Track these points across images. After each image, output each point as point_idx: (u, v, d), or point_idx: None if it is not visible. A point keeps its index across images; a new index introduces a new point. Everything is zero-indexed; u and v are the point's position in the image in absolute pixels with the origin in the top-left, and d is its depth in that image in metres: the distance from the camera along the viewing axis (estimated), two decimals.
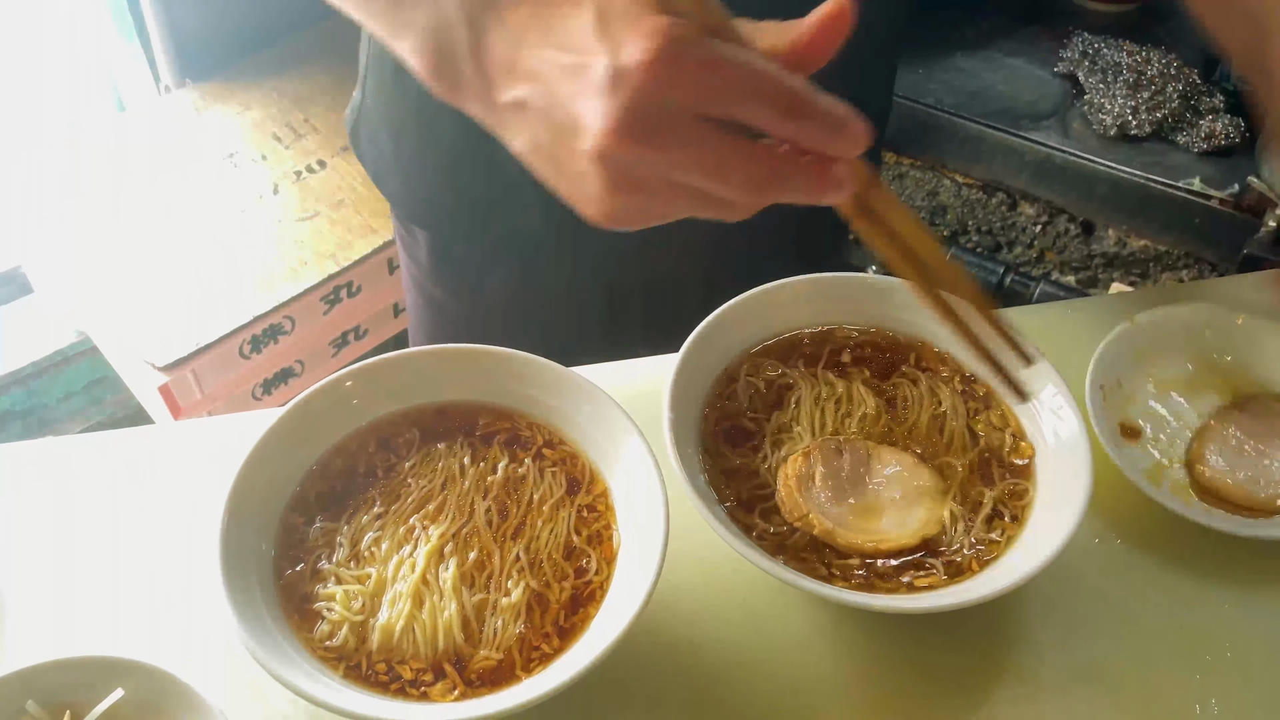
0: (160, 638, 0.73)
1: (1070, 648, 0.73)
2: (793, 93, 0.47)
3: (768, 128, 0.48)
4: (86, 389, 2.15)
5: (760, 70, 0.46)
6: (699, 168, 0.48)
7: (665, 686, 0.71)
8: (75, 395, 2.15)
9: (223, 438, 0.86)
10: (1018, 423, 0.78)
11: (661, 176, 0.49)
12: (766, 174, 0.49)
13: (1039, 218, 1.54)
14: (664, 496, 0.69)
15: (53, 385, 2.10)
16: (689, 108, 0.46)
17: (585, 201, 0.51)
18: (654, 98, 0.46)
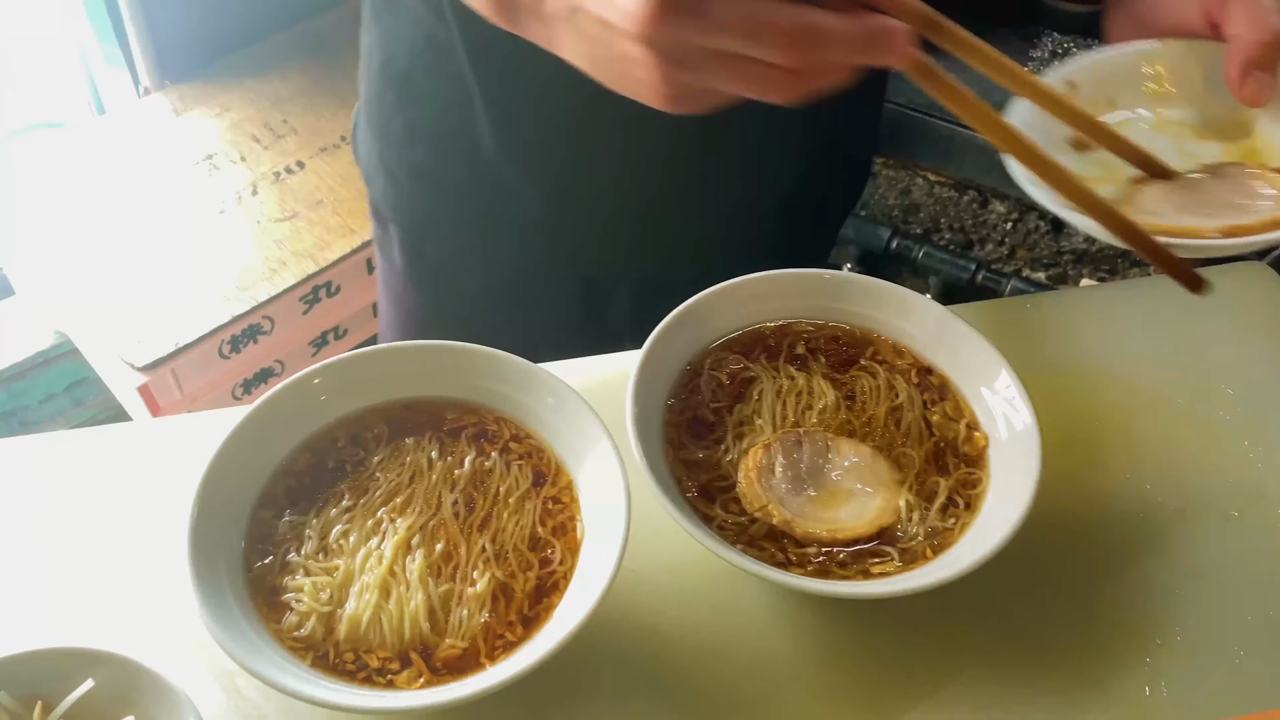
0: (132, 630, 0.74)
1: (1022, 631, 0.75)
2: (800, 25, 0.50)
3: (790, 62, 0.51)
4: (68, 390, 2.15)
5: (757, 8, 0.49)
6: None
7: (630, 673, 0.73)
8: (57, 396, 2.15)
9: (199, 434, 0.86)
10: (972, 414, 0.80)
11: (708, 49, 0.50)
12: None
13: (1009, 215, 1.56)
14: (626, 487, 0.71)
15: (34, 387, 2.10)
16: (706, 41, 0.49)
17: (647, 93, 0.54)
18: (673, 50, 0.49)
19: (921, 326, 0.83)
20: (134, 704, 0.63)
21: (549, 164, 0.98)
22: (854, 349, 0.85)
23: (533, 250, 1.05)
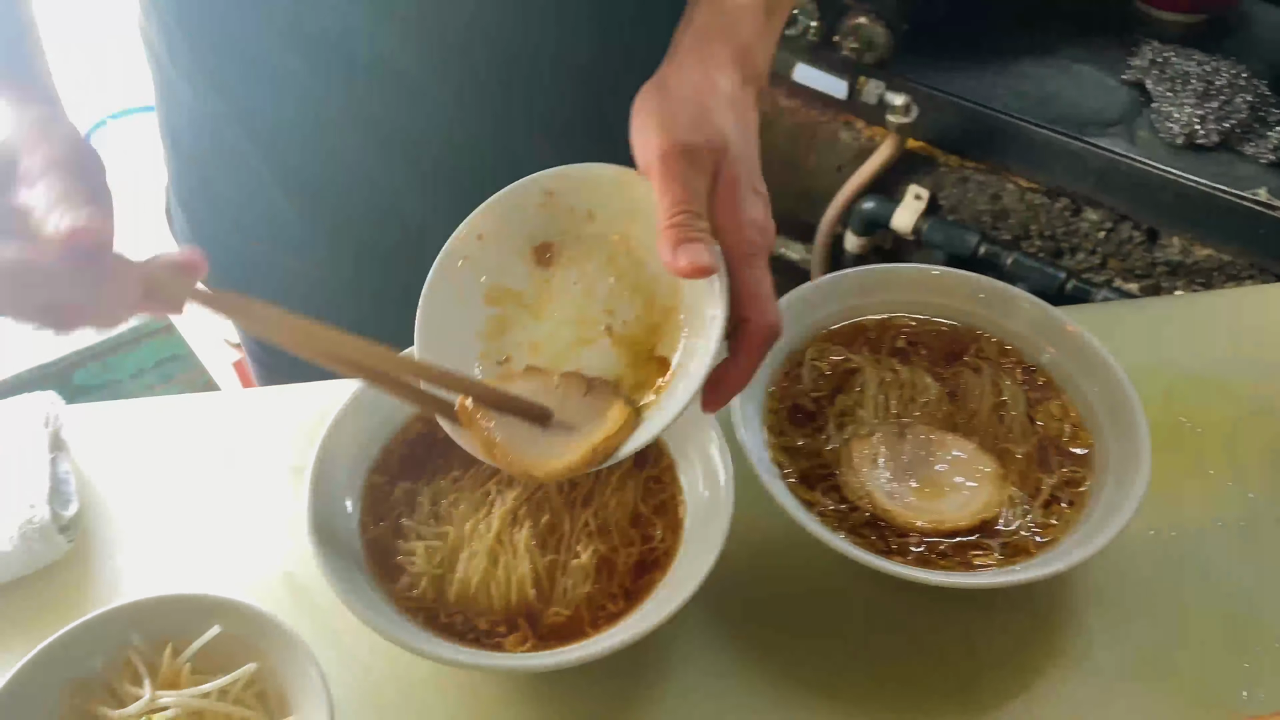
0: (247, 582, 0.77)
1: (1118, 636, 0.75)
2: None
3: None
4: (157, 366, 2.22)
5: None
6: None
7: (726, 652, 0.74)
8: (147, 372, 2.22)
9: (298, 404, 0.90)
10: (1077, 414, 0.80)
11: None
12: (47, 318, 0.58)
13: (1103, 224, 1.55)
14: (730, 471, 0.72)
15: (125, 362, 2.17)
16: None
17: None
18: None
19: (1029, 326, 0.83)
20: (257, 651, 0.66)
21: (341, 224, 0.95)
22: (958, 345, 0.85)
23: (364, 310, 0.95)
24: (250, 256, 1.00)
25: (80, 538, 0.80)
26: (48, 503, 0.78)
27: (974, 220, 1.67)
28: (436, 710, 0.71)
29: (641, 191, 0.63)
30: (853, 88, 1.63)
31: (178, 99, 0.94)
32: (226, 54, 0.85)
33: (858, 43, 1.59)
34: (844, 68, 1.64)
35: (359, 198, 0.92)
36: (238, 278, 1.02)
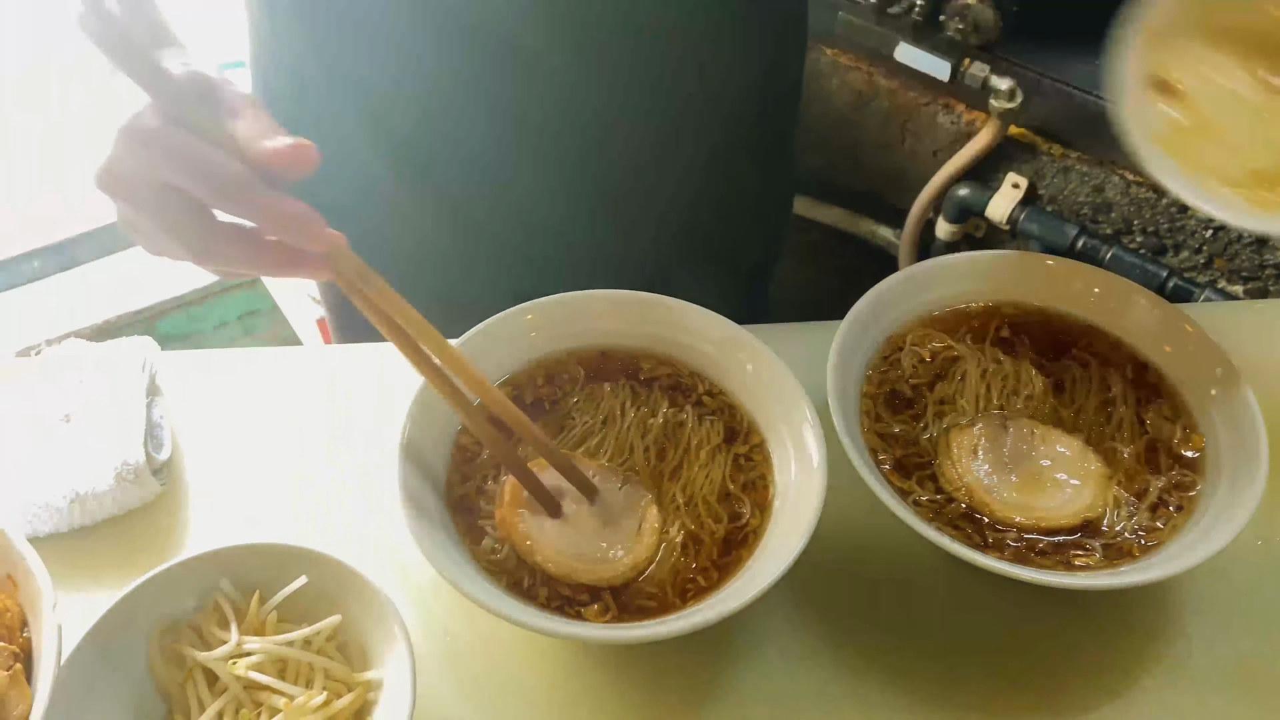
0: (334, 537, 0.77)
1: (1220, 645, 0.72)
2: (218, 177, 0.56)
3: (203, 199, 0.57)
4: (240, 319, 2.26)
5: (191, 154, 0.55)
6: (154, 222, 0.58)
7: (804, 637, 0.72)
8: (230, 324, 2.26)
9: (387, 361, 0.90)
10: (1190, 415, 0.77)
11: (139, 223, 0.60)
12: (204, 242, 0.58)
13: (1210, 222, 1.48)
14: (823, 454, 0.70)
15: (209, 313, 2.21)
16: (141, 174, 0.57)
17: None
18: (116, 163, 0.58)
19: (1144, 323, 0.80)
20: (341, 603, 0.66)
21: (446, 190, 0.95)
22: (1066, 338, 0.82)
23: (451, 273, 1.01)
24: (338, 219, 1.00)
25: (171, 481, 0.81)
26: (143, 446, 0.79)
27: (1073, 212, 1.62)
28: (514, 674, 0.70)
29: None
30: (956, 69, 1.58)
31: (273, 58, 0.94)
32: (331, 17, 0.85)
33: (964, 23, 1.54)
34: (948, 48, 1.59)
35: (465, 169, 0.92)
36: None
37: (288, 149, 0.56)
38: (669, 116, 0.91)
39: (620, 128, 0.90)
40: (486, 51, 0.83)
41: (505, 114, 0.87)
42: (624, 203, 0.97)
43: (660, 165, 0.95)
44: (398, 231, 0.99)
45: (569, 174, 0.93)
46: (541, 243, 0.98)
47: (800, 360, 0.76)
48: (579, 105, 0.87)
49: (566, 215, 0.96)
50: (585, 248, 0.99)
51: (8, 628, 0.63)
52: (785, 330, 0.88)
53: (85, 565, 0.76)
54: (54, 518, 0.76)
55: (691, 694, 0.70)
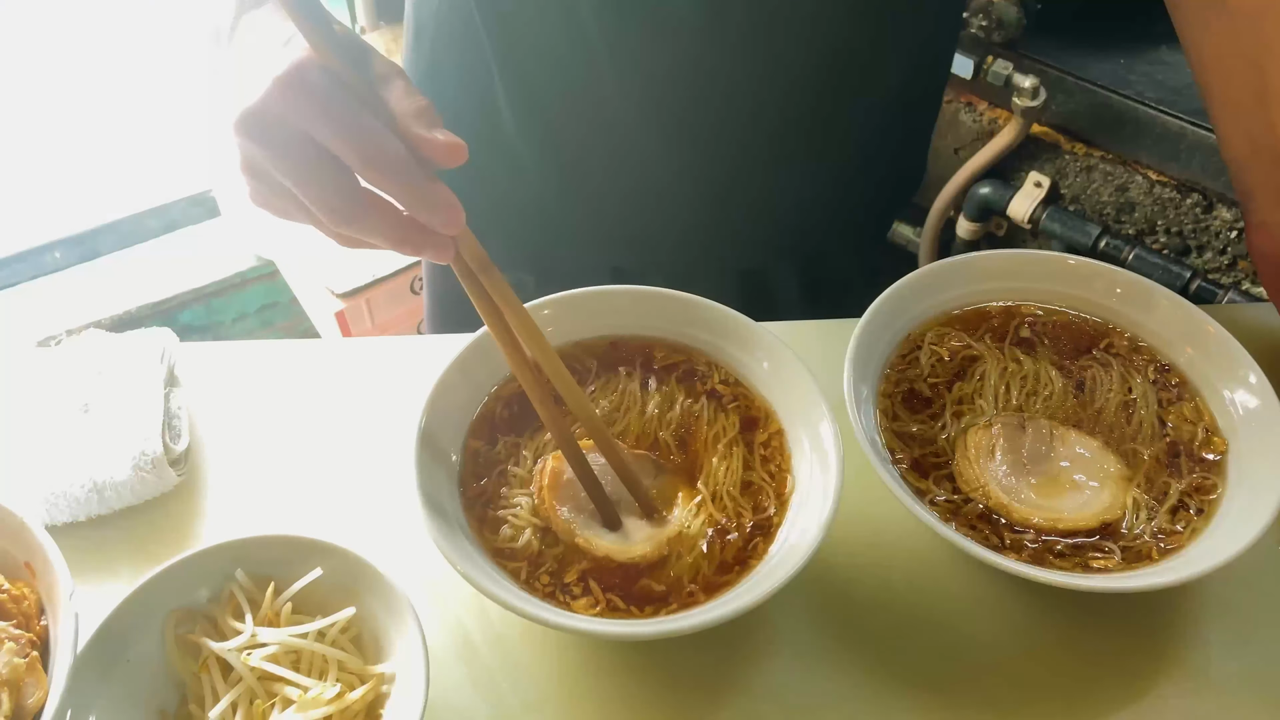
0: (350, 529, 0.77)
1: (1241, 650, 0.71)
2: (377, 149, 0.55)
3: (352, 166, 0.56)
4: (259, 311, 2.27)
5: (354, 119, 0.55)
6: (291, 174, 0.56)
7: (819, 635, 0.72)
8: (248, 316, 2.27)
9: (403, 355, 0.91)
10: (1212, 418, 0.76)
11: (268, 172, 0.58)
12: (346, 206, 0.57)
13: (1235, 223, 1.47)
14: (839, 453, 0.70)
15: (229, 305, 2.23)
16: (293, 124, 0.55)
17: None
18: (269, 108, 0.55)
19: (1167, 324, 0.79)
20: (356, 596, 0.66)
21: (566, 146, 0.95)
22: (1087, 338, 0.81)
23: (556, 236, 1.02)
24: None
25: (189, 472, 0.81)
26: (160, 436, 0.79)
27: (1096, 212, 1.61)
28: (527, 668, 0.70)
29: None
30: (979, 67, 1.58)
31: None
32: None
33: (987, 21, 1.53)
34: (972, 46, 1.58)
35: (591, 129, 0.93)
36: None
37: (445, 145, 0.56)
38: (805, 109, 0.91)
39: (753, 113, 0.90)
40: (631, 12, 0.83)
41: (638, 77, 0.87)
42: (741, 193, 0.96)
43: (783, 161, 0.95)
44: (510, 186, 0.99)
45: (691, 152, 0.93)
46: (650, 219, 0.98)
47: (818, 358, 0.76)
48: (715, 81, 0.87)
49: (681, 194, 0.96)
50: (693, 231, 0.99)
51: (25, 615, 0.63)
52: (803, 328, 0.87)
53: (102, 554, 0.76)
54: (72, 506, 0.77)
55: (703, 690, 0.70)
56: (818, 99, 0.91)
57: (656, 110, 0.89)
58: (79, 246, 2.12)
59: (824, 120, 0.93)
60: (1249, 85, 0.77)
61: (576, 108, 0.92)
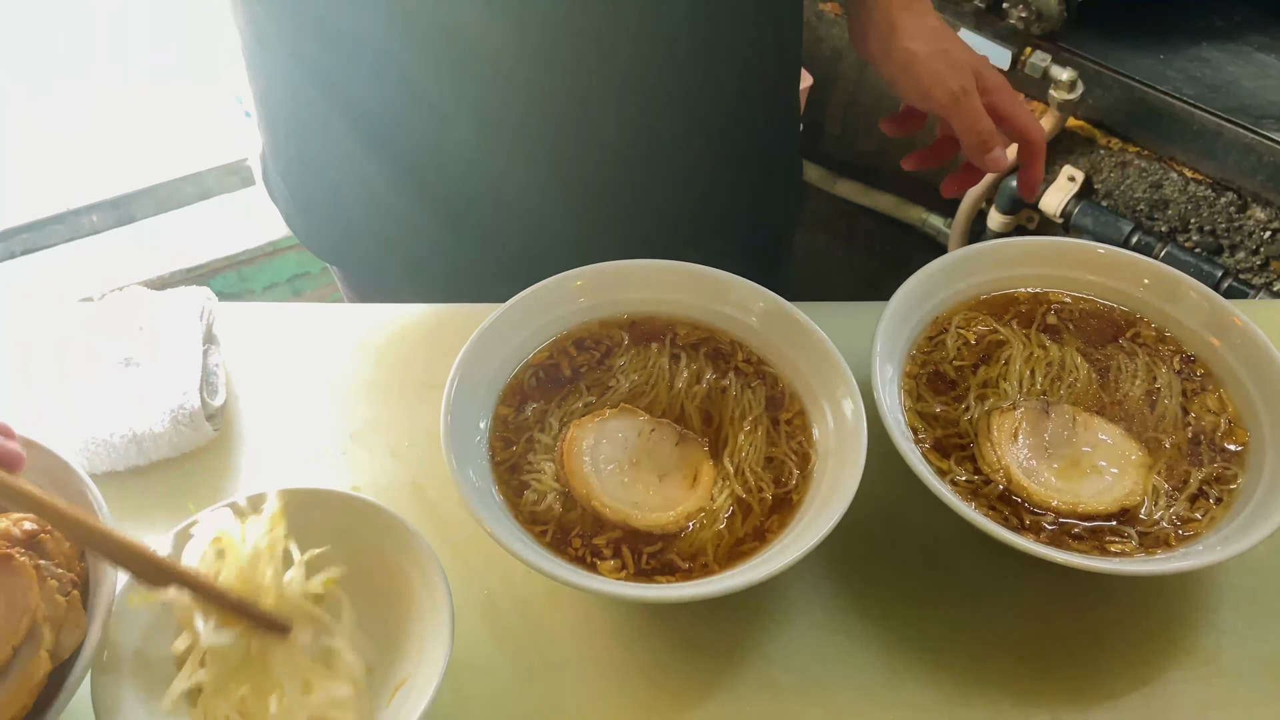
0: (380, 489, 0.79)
1: (1254, 639, 0.72)
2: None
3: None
4: (289, 281, 2.29)
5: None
6: None
7: (836, 607, 0.73)
8: (279, 285, 2.30)
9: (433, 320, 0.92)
10: (1235, 409, 0.77)
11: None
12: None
13: (1270, 224, 1.46)
14: (864, 430, 0.71)
15: (260, 273, 2.25)
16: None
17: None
18: None
19: (1193, 314, 0.80)
20: (385, 549, 0.68)
21: (448, 200, 0.95)
22: (1114, 327, 0.82)
23: (454, 280, 1.00)
24: (348, 222, 1.02)
25: (225, 427, 0.83)
26: (199, 391, 0.81)
27: (1129, 208, 1.60)
28: (551, 628, 0.72)
29: None
30: (1017, 59, 1.57)
31: (267, 73, 0.94)
32: (309, 25, 0.86)
33: (1027, 12, 1.53)
34: (1010, 37, 1.58)
35: (457, 175, 0.93)
36: (337, 239, 1.05)
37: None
38: (647, 109, 0.89)
39: (594, 121, 0.88)
40: (457, 52, 0.82)
41: (482, 113, 0.87)
42: (609, 195, 0.95)
43: (641, 158, 0.93)
44: (404, 231, 0.99)
45: (550, 169, 0.92)
46: (533, 237, 0.97)
47: (845, 337, 0.77)
48: (549, 101, 0.86)
49: (555, 210, 0.95)
50: (576, 241, 0.97)
51: (66, 556, 0.65)
52: (831, 308, 0.88)
53: (139, 503, 0.78)
54: (111, 455, 0.79)
55: (719, 657, 0.71)
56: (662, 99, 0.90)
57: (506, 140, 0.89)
58: (115, 211, 2.15)
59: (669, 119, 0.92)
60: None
61: (436, 153, 0.92)
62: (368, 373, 0.88)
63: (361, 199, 0.97)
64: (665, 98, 0.89)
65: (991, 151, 0.86)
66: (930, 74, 0.86)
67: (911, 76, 0.88)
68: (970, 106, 0.85)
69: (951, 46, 0.88)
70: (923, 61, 0.87)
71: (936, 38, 0.88)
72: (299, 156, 1.00)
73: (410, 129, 0.90)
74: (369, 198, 0.97)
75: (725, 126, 0.95)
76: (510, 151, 0.90)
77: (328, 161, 0.97)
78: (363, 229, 1.01)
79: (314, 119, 0.93)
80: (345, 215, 1.01)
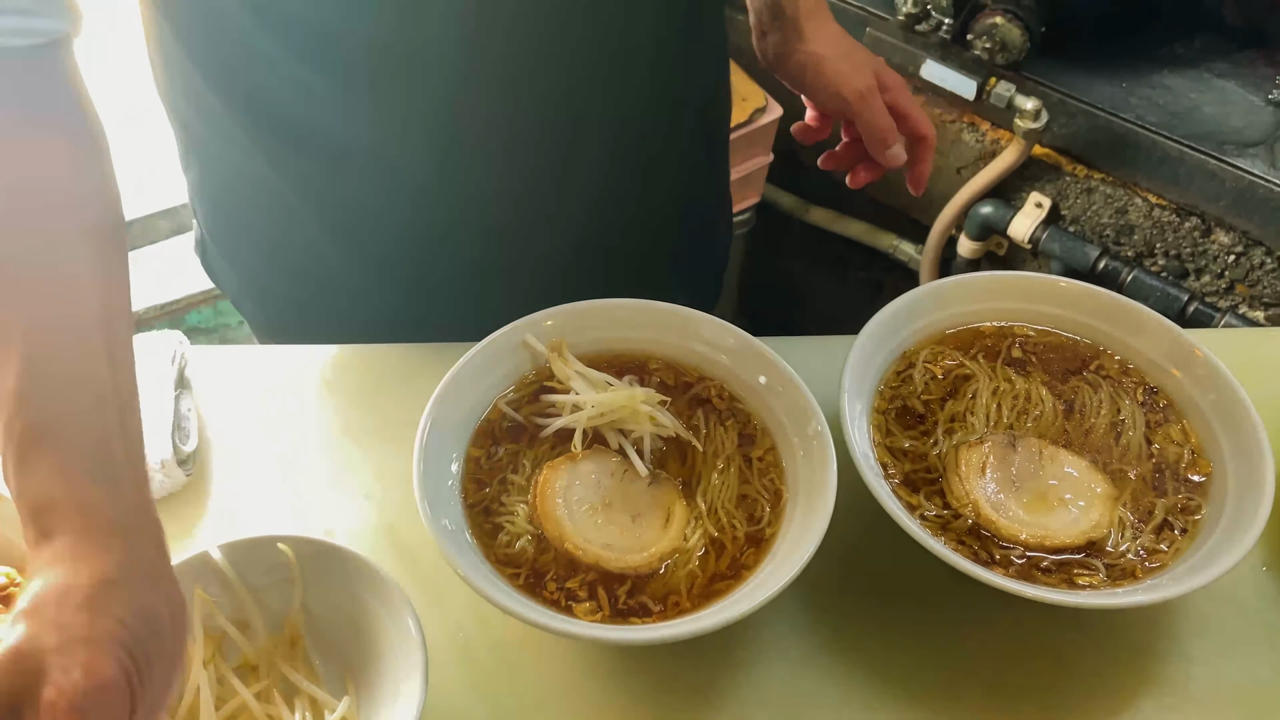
0: (353, 532, 0.79)
1: (1220, 667, 0.73)
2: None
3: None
4: None
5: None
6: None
7: (808, 643, 0.74)
8: None
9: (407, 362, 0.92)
10: (1198, 440, 0.78)
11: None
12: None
13: (1234, 248, 1.49)
14: (834, 466, 0.72)
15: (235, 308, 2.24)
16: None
17: None
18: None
19: (1155, 346, 0.81)
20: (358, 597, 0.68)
21: (391, 261, 0.95)
22: (1077, 359, 0.83)
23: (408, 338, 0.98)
24: (293, 294, 1.02)
25: (197, 471, 0.83)
26: (170, 437, 0.81)
27: (1096, 234, 1.62)
28: (526, 672, 0.72)
29: None
30: (982, 88, 1.59)
31: (210, 156, 0.94)
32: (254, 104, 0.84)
33: (991, 42, 1.55)
34: (974, 67, 1.60)
35: (402, 234, 0.92)
36: (286, 315, 1.05)
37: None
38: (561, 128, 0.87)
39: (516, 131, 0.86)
40: (363, 63, 0.79)
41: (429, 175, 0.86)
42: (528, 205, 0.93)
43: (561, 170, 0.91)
44: (353, 299, 0.99)
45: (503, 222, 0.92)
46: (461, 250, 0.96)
47: (815, 373, 0.78)
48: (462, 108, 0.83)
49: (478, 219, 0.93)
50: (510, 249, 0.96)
51: None
52: (800, 342, 0.89)
53: None
54: None
55: (694, 696, 0.71)
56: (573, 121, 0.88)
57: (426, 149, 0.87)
58: None
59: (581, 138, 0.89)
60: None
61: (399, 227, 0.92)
62: (341, 414, 0.88)
63: (307, 265, 0.97)
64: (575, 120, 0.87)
65: (891, 147, 0.92)
66: (837, 74, 0.94)
67: (820, 77, 0.95)
68: (874, 104, 0.92)
69: (853, 50, 0.96)
70: (830, 63, 0.94)
71: (839, 42, 0.96)
72: (245, 231, 0.99)
73: (347, 188, 0.89)
74: (314, 263, 0.96)
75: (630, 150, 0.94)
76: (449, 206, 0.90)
77: (271, 235, 0.97)
78: (308, 297, 1.01)
79: (256, 193, 0.93)
80: (291, 286, 1.01)
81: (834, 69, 0.94)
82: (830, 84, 0.94)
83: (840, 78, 0.93)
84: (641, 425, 0.77)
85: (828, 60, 0.94)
